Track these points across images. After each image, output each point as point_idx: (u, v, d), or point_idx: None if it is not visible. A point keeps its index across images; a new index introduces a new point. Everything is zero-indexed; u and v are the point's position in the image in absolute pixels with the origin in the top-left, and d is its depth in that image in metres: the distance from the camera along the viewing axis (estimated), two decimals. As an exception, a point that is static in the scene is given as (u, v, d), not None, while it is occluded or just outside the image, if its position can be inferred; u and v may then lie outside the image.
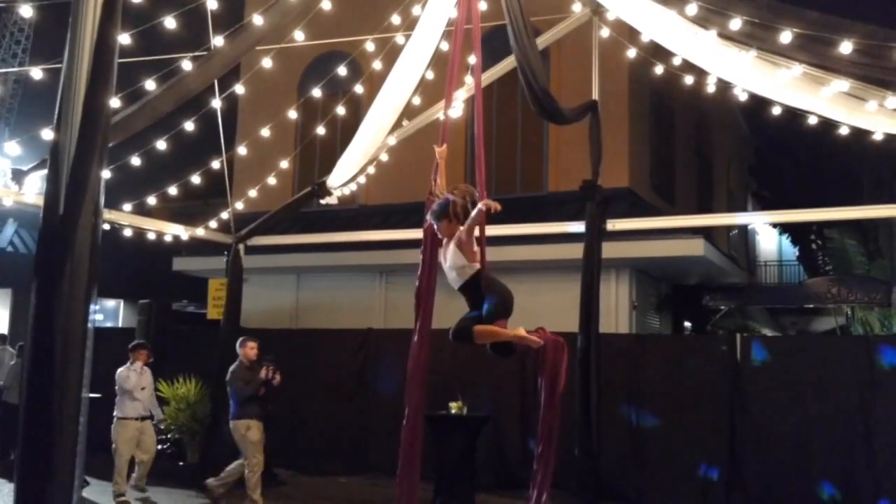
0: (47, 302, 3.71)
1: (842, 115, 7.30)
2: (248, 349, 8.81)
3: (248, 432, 8.43)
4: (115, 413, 9.10)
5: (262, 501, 8.49)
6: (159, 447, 9.84)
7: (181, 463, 9.79)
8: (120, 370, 9.16)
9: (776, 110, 8.04)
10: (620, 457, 9.62)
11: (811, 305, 15.52)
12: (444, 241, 5.00)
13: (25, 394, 3.77)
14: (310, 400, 11.43)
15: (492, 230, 9.90)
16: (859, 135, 7.91)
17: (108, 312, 20.50)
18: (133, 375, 9.13)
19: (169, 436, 10.30)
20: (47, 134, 6.83)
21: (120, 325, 20.07)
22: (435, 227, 5.05)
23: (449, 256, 4.90)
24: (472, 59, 6.15)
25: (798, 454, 8.77)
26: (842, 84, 6.76)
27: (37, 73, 7.66)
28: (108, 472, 9.97)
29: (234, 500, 8.85)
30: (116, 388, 9.10)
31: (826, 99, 7.00)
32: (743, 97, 8.14)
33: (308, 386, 11.48)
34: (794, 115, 8.10)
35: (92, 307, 3.79)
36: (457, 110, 9.41)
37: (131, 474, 9.14)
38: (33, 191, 8.37)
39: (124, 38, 4.86)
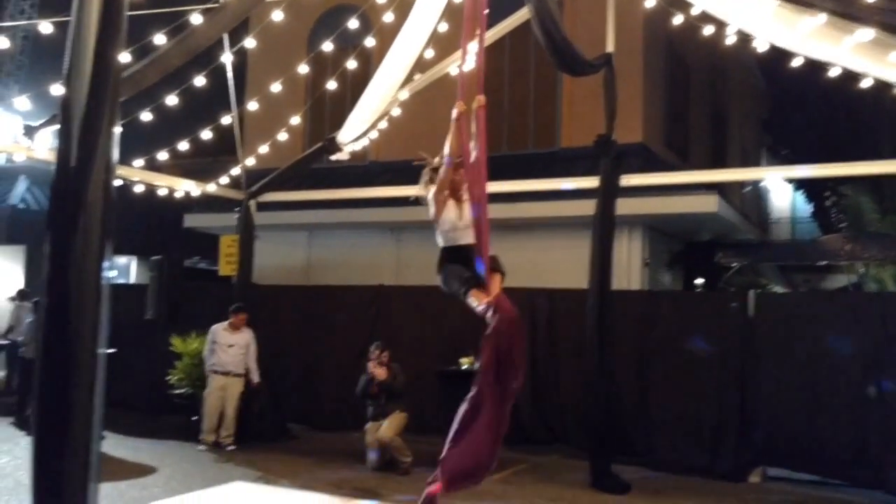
0: (61, 255, 3.70)
1: (865, 65, 7.11)
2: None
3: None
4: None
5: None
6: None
7: (194, 418, 9.94)
8: (214, 326, 10.03)
9: (794, 64, 7.84)
10: (631, 412, 9.66)
11: (824, 262, 15.42)
12: (452, 199, 5.22)
13: (41, 349, 3.78)
14: (322, 356, 11.50)
15: (504, 186, 9.94)
16: (877, 89, 7.72)
17: (121, 269, 20.59)
18: (224, 332, 9.98)
19: (182, 391, 10.44)
20: (57, 89, 6.79)
21: (132, 281, 20.17)
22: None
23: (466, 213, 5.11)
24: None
25: (809, 411, 8.77)
26: (867, 33, 6.55)
27: (46, 27, 7.57)
28: (124, 426, 10.14)
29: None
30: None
31: (849, 49, 6.80)
32: (762, 49, 7.93)
33: (320, 342, 11.54)
34: (810, 70, 7.87)
35: (105, 263, 3.78)
36: (469, 63, 9.24)
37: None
38: (45, 146, 8.34)
39: (132, -9, 4.78)
